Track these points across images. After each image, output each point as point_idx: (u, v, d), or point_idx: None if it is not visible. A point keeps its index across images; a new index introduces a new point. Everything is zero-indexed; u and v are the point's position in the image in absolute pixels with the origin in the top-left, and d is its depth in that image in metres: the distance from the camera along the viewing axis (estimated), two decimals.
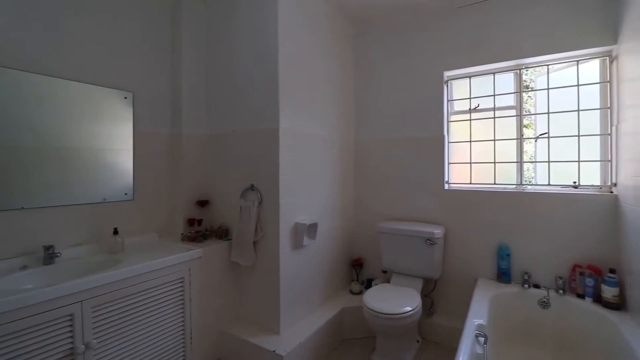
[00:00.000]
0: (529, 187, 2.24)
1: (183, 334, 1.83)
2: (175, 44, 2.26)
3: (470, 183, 2.41)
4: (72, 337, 1.36)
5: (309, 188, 2.26)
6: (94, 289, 1.42)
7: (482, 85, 2.42)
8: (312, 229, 2.18)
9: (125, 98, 2.02)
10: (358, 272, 2.77)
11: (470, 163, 2.42)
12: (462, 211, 2.35)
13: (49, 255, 1.58)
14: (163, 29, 2.23)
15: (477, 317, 1.73)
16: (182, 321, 1.82)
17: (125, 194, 2.01)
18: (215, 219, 2.34)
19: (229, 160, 2.25)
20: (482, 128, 2.41)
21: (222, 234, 2.22)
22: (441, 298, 2.43)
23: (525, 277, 2.09)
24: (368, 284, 2.67)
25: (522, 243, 2.16)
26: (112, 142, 1.96)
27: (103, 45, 1.92)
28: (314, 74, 2.32)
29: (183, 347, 1.83)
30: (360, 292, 2.62)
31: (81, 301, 1.38)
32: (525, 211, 2.14)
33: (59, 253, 1.62)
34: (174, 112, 2.28)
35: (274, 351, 1.82)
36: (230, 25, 2.23)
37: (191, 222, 2.22)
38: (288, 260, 2.06)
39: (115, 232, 1.84)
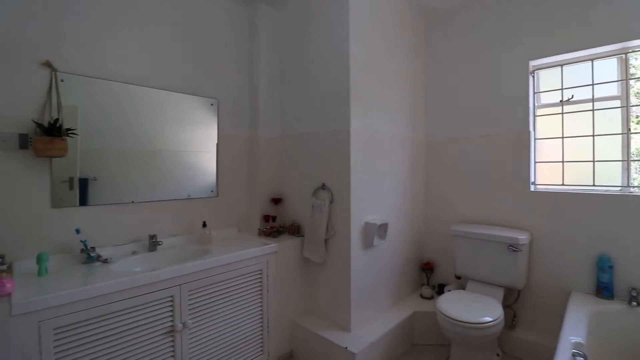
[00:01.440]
0: (638, 189, 1.93)
1: (261, 322, 1.96)
2: (253, 52, 2.43)
3: (563, 184, 2.16)
4: (172, 316, 1.55)
5: (379, 187, 2.25)
6: (190, 275, 1.60)
7: (573, 74, 2.16)
8: (382, 229, 2.16)
9: (212, 105, 2.23)
10: (428, 276, 2.67)
11: (563, 162, 2.17)
12: (552, 216, 2.12)
13: (153, 243, 1.82)
14: (242, 39, 2.42)
15: (573, 334, 1.54)
16: (261, 310, 1.95)
17: (212, 191, 2.22)
18: (288, 216, 2.45)
19: (301, 160, 2.35)
20: (570, 123, 2.15)
21: (295, 230, 2.32)
22: (525, 310, 2.22)
23: (634, 293, 1.81)
24: (440, 290, 2.55)
25: (628, 254, 1.87)
26: (200, 144, 2.18)
27: (194, 58, 2.14)
28: (385, 70, 2.30)
29: (261, 334, 1.96)
30: (432, 297, 2.52)
31: (180, 285, 1.57)
32: (634, 217, 1.85)
33: (161, 241, 1.86)
34: (251, 116, 2.45)
35: (346, 348, 1.84)
36: (301, 28, 2.32)
37: (266, 218, 2.37)
38: (358, 259, 2.07)
39: (204, 225, 2.04)
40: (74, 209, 1.67)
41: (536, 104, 2.28)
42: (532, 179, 2.23)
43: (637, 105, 1.98)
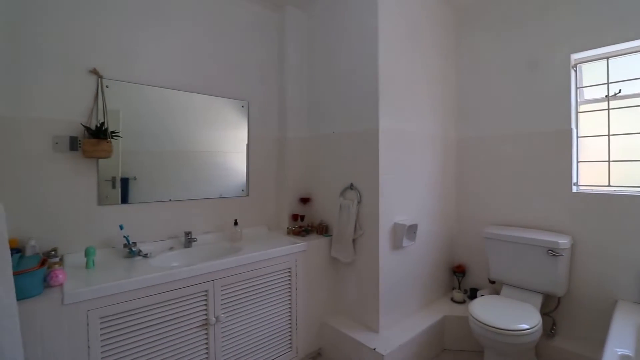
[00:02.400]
0: None
1: (290, 319, 1.99)
2: (282, 54, 2.47)
3: (609, 185, 2.02)
4: (206, 310, 1.61)
5: (408, 188, 2.21)
6: (224, 270, 1.66)
7: (621, 67, 2.00)
8: (411, 230, 2.13)
9: (242, 107, 2.30)
10: (460, 280, 2.59)
11: (609, 161, 2.03)
12: (596, 218, 1.98)
13: (189, 239, 1.91)
14: (271, 41, 2.47)
15: (619, 346, 1.44)
16: (289, 307, 1.99)
17: (242, 190, 2.29)
18: (316, 215, 2.47)
19: (329, 160, 2.36)
20: (617, 120, 2.01)
21: (323, 230, 2.33)
22: (565, 318, 2.09)
23: None
24: (472, 294, 2.47)
25: None
26: (232, 145, 2.25)
27: (226, 62, 2.22)
28: (414, 68, 2.25)
29: (290, 330, 1.99)
30: (463, 302, 2.44)
31: (214, 280, 1.63)
32: None
33: (196, 238, 1.95)
34: (280, 117, 2.49)
35: (375, 349, 1.83)
36: (329, 29, 2.33)
37: (295, 217, 2.40)
38: (387, 260, 2.05)
39: (235, 223, 2.11)
40: (117, 206, 1.79)
41: (579, 100, 2.15)
42: (574, 180, 2.10)
43: None
